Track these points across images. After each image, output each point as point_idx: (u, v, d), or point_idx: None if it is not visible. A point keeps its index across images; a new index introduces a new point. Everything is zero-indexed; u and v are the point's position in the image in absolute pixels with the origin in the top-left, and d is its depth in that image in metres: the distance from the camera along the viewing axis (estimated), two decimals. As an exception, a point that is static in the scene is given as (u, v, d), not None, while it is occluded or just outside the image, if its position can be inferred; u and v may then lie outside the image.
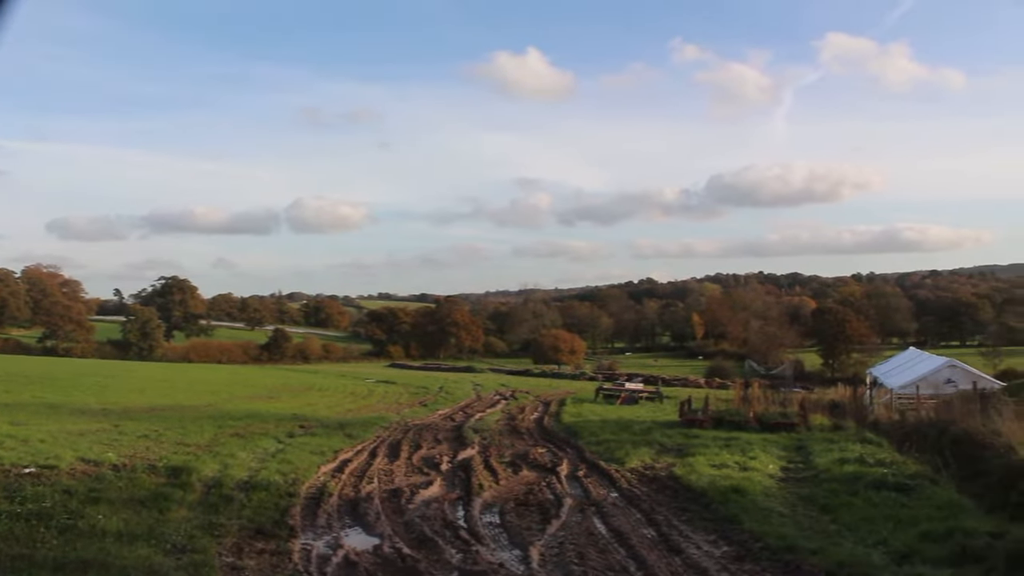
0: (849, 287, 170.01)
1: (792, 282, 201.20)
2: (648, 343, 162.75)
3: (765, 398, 32.74)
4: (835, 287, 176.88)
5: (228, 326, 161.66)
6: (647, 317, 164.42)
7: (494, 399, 42.34)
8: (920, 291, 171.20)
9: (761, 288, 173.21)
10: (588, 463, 18.77)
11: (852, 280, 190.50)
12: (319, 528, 11.95)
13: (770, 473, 17.31)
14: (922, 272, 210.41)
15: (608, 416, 31.42)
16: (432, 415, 32.21)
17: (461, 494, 14.81)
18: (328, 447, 19.95)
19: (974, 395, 24.99)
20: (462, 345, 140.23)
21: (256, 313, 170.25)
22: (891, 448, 20.28)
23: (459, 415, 32.44)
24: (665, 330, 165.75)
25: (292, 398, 41.57)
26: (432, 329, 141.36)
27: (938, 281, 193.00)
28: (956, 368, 39.92)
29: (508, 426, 28.21)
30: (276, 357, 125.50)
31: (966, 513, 12.68)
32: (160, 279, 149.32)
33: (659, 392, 43.43)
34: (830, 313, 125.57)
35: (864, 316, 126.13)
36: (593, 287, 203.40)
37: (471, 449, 20.70)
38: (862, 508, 13.33)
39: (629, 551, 10.78)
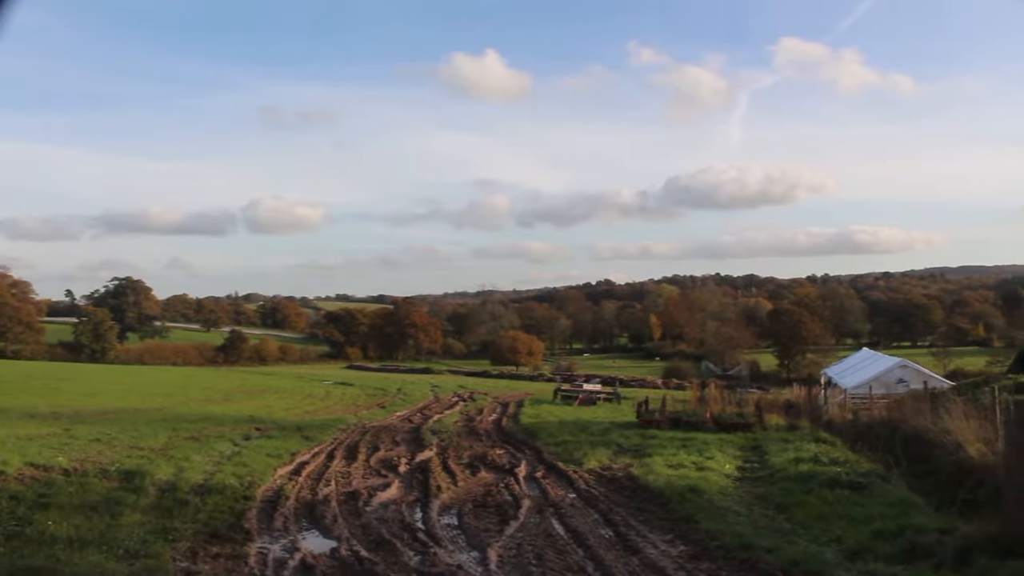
0: (804, 289, 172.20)
1: (748, 283, 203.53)
2: (606, 344, 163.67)
3: (721, 398, 33.05)
4: (790, 289, 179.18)
5: (183, 328, 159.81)
6: (605, 318, 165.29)
7: (452, 401, 42.25)
8: (873, 293, 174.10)
9: (718, 290, 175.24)
10: (546, 464, 18.78)
11: (807, 282, 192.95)
12: (275, 531, 11.82)
13: (726, 473, 17.45)
14: (875, 274, 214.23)
15: (566, 417, 31.48)
16: (390, 417, 32.05)
17: (419, 496, 14.74)
18: (285, 449, 19.77)
19: (925, 394, 25.37)
20: (420, 347, 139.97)
21: (212, 314, 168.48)
22: (845, 447, 20.54)
23: (417, 417, 32.31)
24: (623, 331, 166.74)
25: (248, 400, 41.21)
26: (390, 331, 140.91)
27: (890, 283, 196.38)
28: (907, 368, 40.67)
29: (466, 428, 28.15)
30: (232, 359, 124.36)
31: (917, 510, 12.87)
32: (113, 280, 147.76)
33: (617, 393, 43.59)
34: (786, 314, 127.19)
35: (819, 317, 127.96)
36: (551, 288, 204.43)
37: (429, 451, 20.63)
38: (816, 506, 13.46)
39: (587, 551, 10.80)
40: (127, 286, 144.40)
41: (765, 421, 26.51)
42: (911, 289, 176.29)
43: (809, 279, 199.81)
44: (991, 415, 17.05)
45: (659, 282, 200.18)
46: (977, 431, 16.07)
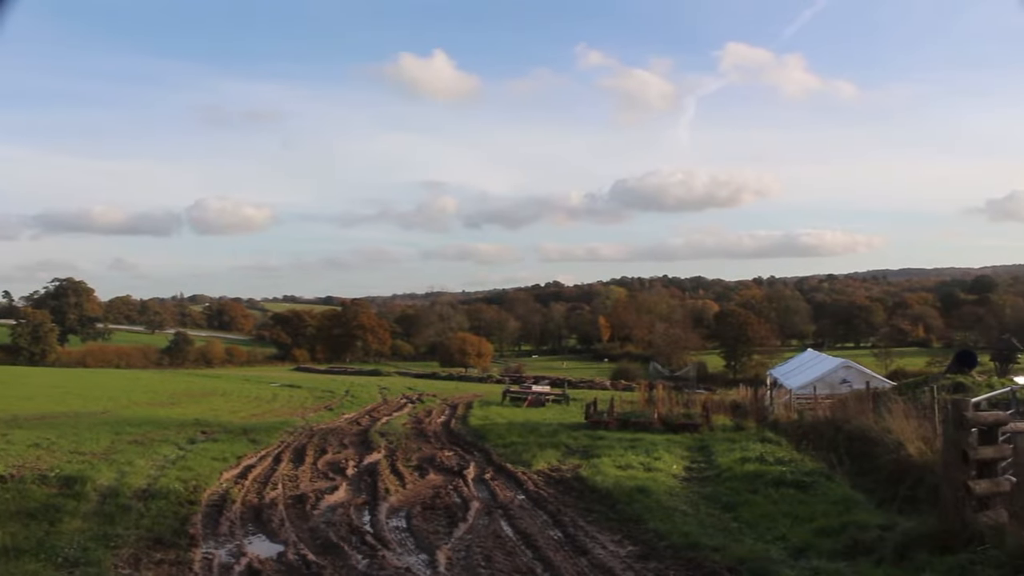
0: (750, 291, 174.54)
1: (696, 286, 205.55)
2: (555, 346, 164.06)
3: (669, 399, 33.32)
4: (737, 291, 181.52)
5: (127, 330, 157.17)
6: (554, 320, 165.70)
7: (401, 402, 42.03)
8: (817, 295, 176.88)
9: (665, 291, 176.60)
10: (495, 466, 18.79)
11: (753, 284, 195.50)
12: (221, 536, 11.67)
13: (674, 473, 17.61)
14: (819, 276, 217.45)
15: (515, 419, 31.48)
16: (338, 419, 31.81)
17: (367, 499, 14.66)
18: (231, 453, 19.50)
19: (867, 394, 25.85)
20: (369, 348, 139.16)
21: (156, 316, 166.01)
22: (790, 447, 20.83)
23: (365, 419, 32.10)
24: (571, 333, 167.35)
25: (194, 403, 40.57)
26: (338, 332, 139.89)
27: (834, 285, 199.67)
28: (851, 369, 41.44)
29: (415, 429, 28.03)
30: (177, 361, 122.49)
31: (859, 507, 13.12)
32: (54, 281, 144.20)
33: (565, 394, 43.68)
34: (732, 316, 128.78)
35: (765, 319, 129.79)
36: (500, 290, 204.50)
37: (377, 453, 20.52)
38: (762, 505, 13.65)
39: (536, 553, 10.82)
40: (68, 287, 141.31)
41: (712, 421, 26.79)
42: (854, 291, 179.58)
43: (755, 281, 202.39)
44: (930, 414, 17.43)
45: (607, 284, 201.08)
46: (917, 430, 16.42)
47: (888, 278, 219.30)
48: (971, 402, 10.47)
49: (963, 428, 9.70)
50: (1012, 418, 12.04)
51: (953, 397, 15.22)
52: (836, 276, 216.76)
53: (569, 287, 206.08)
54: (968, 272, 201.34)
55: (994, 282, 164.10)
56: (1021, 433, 11.60)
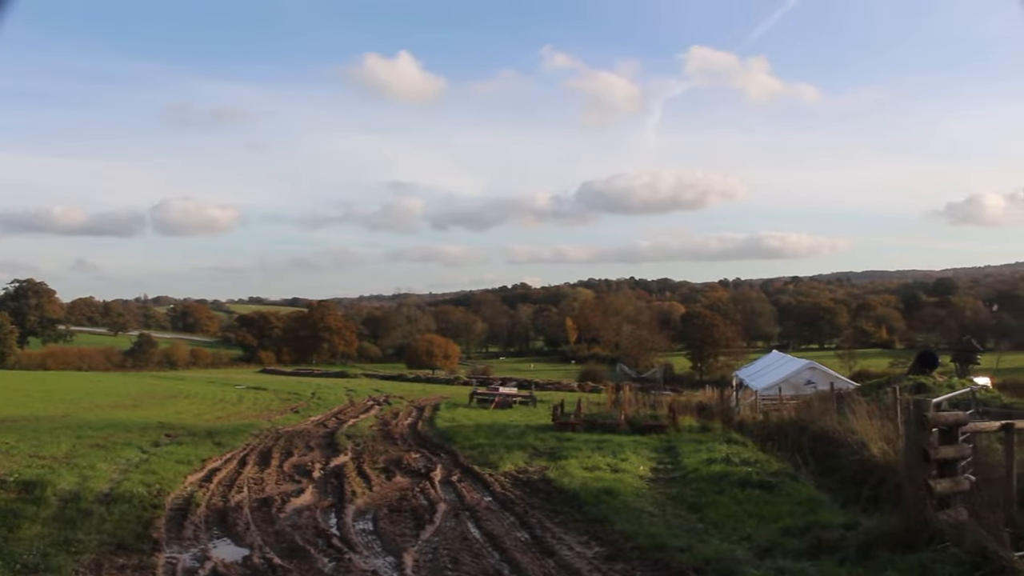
0: (716, 292, 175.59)
1: (662, 287, 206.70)
2: (522, 347, 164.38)
3: (636, 401, 33.43)
4: (703, 292, 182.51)
5: (89, 332, 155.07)
6: (521, 322, 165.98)
7: (368, 404, 41.87)
8: (783, 296, 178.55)
9: (632, 293, 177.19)
10: (462, 468, 18.76)
11: (719, 286, 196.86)
12: (185, 540, 11.55)
13: (641, 474, 17.67)
14: (785, 278, 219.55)
15: (482, 420, 31.46)
16: (304, 421, 31.63)
17: (334, 501, 14.58)
18: (195, 456, 19.32)
19: (831, 395, 26.10)
20: (335, 350, 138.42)
21: (119, 318, 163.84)
22: (755, 447, 20.99)
23: (332, 421, 31.94)
24: (539, 334, 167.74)
25: (158, 406, 40.18)
26: (304, 334, 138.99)
27: (799, 287, 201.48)
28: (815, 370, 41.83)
29: (382, 432, 27.93)
30: (141, 364, 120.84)
31: (823, 507, 13.25)
32: (13, 282, 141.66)
33: (532, 396, 43.74)
34: (698, 318, 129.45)
35: (731, 320, 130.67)
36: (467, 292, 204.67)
37: (344, 455, 20.41)
38: (728, 506, 13.74)
39: (503, 554, 10.82)
40: (28, 288, 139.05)
41: (678, 423, 26.90)
42: (819, 293, 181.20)
43: (721, 283, 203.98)
44: (892, 415, 17.65)
45: (575, 286, 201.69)
46: (880, 430, 16.62)
47: (852, 280, 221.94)
48: (932, 403, 10.62)
49: (924, 428, 9.83)
50: (972, 418, 12.24)
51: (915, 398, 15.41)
52: (801, 278, 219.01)
53: (536, 289, 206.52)
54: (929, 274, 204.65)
55: (955, 284, 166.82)
56: (981, 433, 11.79)
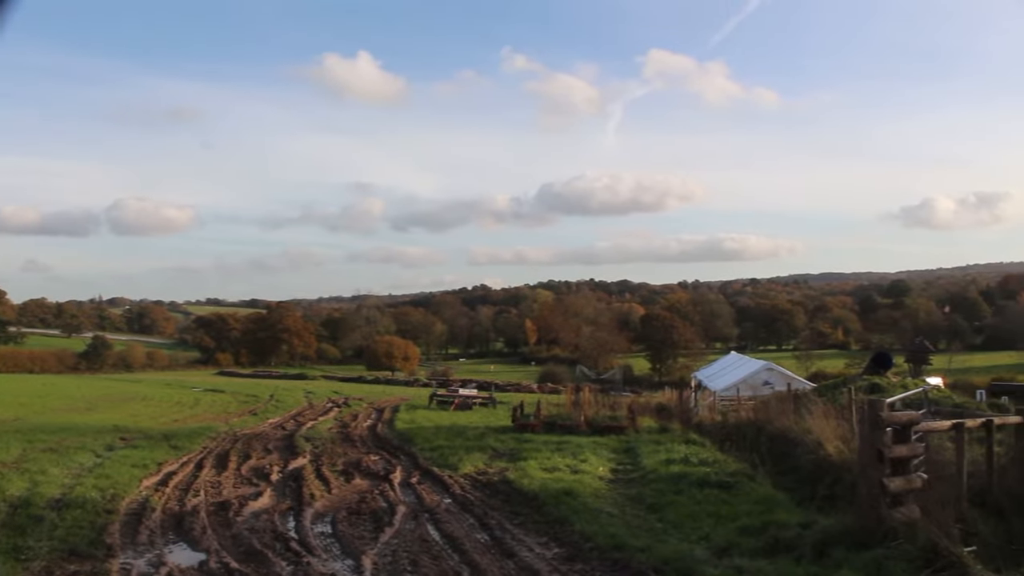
0: (676, 294, 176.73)
1: (622, 289, 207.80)
2: (482, 349, 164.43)
3: (595, 402, 33.48)
4: (662, 294, 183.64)
5: (42, 333, 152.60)
6: (481, 323, 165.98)
7: (327, 407, 41.56)
8: (741, 298, 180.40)
9: (592, 295, 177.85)
10: (422, 469, 18.71)
11: (678, 288, 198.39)
12: (140, 545, 11.39)
13: (600, 475, 17.73)
14: (743, 280, 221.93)
15: (442, 422, 31.39)
16: (262, 424, 31.33)
17: (292, 504, 14.46)
18: (151, 459, 19.06)
19: (788, 396, 26.41)
20: (294, 352, 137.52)
21: (73, 319, 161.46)
22: (714, 448, 21.15)
23: (290, 423, 31.67)
24: (499, 336, 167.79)
25: (112, 409, 39.56)
26: (263, 335, 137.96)
27: (757, 289, 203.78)
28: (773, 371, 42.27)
29: (341, 434, 27.75)
30: (95, 366, 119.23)
31: (780, 507, 13.38)
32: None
33: (492, 397, 43.69)
34: (658, 319, 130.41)
35: (690, 322, 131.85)
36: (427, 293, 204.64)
37: (302, 458, 20.25)
38: (687, 506, 13.83)
39: (463, 556, 10.81)
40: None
41: (638, 424, 27.02)
42: (776, 295, 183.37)
43: (680, 285, 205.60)
44: (848, 414, 17.92)
45: (535, 287, 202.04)
46: (835, 430, 16.85)
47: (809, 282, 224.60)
48: (886, 402, 10.79)
49: (878, 428, 9.98)
50: (924, 417, 12.43)
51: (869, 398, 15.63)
52: (759, 280, 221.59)
53: (496, 290, 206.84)
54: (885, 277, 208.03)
55: (908, 286, 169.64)
56: (933, 432, 12.00)
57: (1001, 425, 12.00)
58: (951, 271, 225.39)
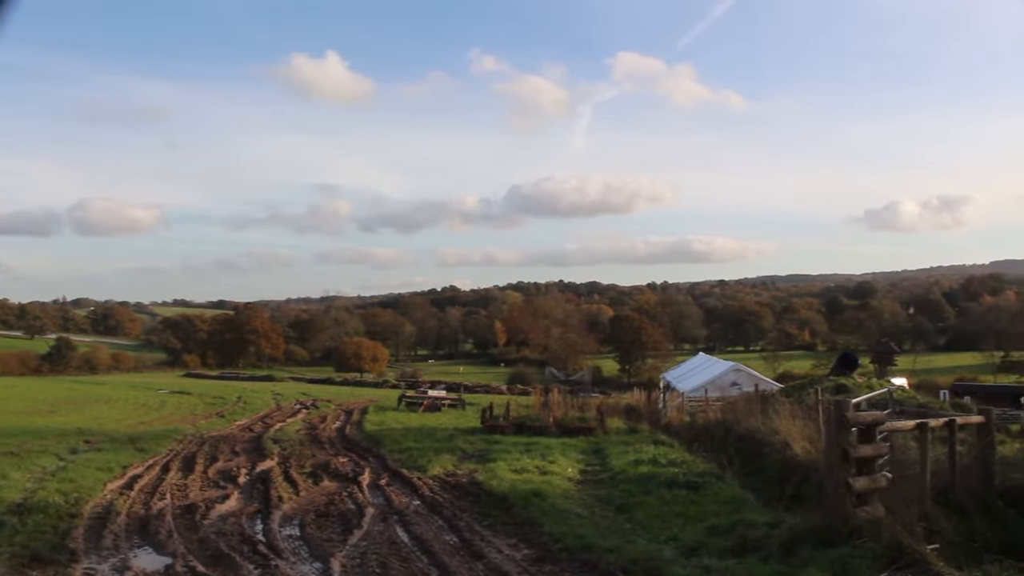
0: (644, 296, 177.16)
1: (591, 290, 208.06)
2: (451, 350, 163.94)
3: (565, 403, 33.58)
4: (631, 296, 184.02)
5: (3, 335, 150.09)
6: (450, 325, 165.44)
7: (295, 408, 41.34)
8: (709, 300, 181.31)
9: (561, 296, 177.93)
10: (390, 471, 18.66)
11: (647, 289, 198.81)
12: (104, 550, 11.26)
13: (569, 476, 17.77)
14: (711, 282, 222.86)
15: (411, 424, 31.36)
16: (230, 426, 31.12)
17: (260, 507, 14.37)
18: (116, 463, 18.85)
19: (756, 397, 26.58)
20: (262, 353, 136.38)
21: (36, 321, 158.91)
22: (682, 448, 21.29)
23: (258, 425, 31.49)
24: (468, 337, 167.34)
25: (76, 411, 39.12)
26: (230, 337, 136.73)
27: (725, 290, 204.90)
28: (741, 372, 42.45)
29: (309, 436, 27.64)
30: (59, 368, 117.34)
31: (748, 506, 13.50)
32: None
33: (461, 399, 43.71)
34: (626, 321, 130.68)
35: (658, 323, 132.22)
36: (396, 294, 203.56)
37: (270, 460, 20.14)
38: (655, 506, 13.91)
39: (432, 558, 10.79)
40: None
41: (606, 425, 27.12)
42: (744, 296, 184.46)
43: (649, 286, 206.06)
44: (814, 415, 18.09)
45: (504, 289, 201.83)
46: (802, 430, 17.01)
47: (776, 284, 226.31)
48: (851, 403, 10.89)
49: (844, 428, 10.08)
50: (889, 418, 12.58)
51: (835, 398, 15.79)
52: (727, 282, 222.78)
53: (465, 291, 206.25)
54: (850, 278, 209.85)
55: (874, 288, 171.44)
56: (897, 431, 12.14)
57: (963, 425, 12.15)
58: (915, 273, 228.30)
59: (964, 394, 35.14)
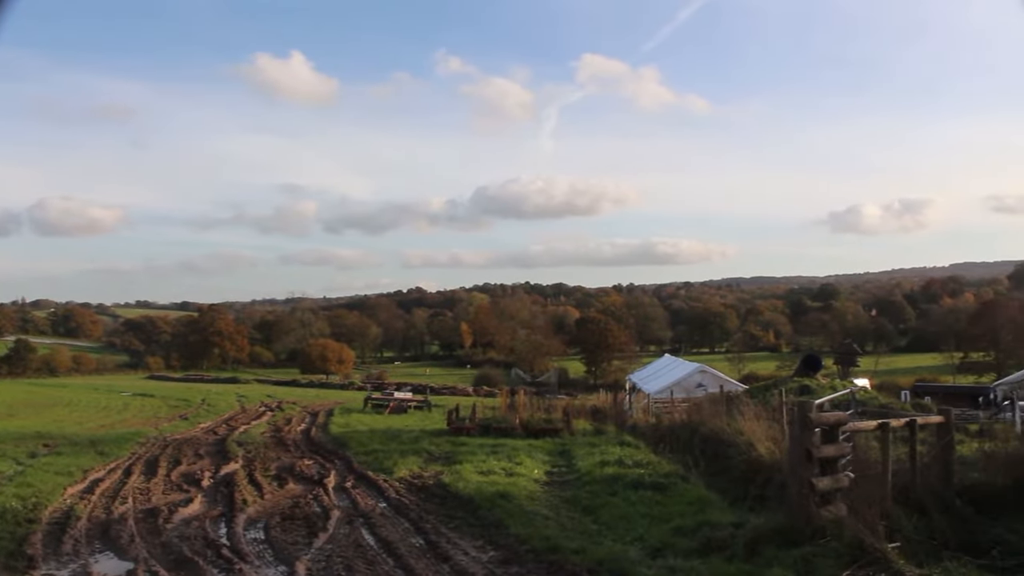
0: (610, 297, 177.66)
1: (557, 292, 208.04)
2: (417, 352, 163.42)
3: (531, 405, 33.60)
4: (597, 297, 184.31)
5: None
6: (416, 326, 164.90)
7: (259, 411, 41.07)
8: (675, 301, 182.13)
9: (527, 298, 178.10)
10: (356, 474, 18.60)
11: (613, 291, 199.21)
12: (64, 556, 11.10)
13: (535, 478, 17.79)
14: (677, 284, 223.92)
15: (376, 426, 31.25)
16: (194, 429, 30.85)
17: (224, 510, 14.26)
18: (77, 466, 18.63)
19: (721, 398, 26.74)
20: (226, 355, 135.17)
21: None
22: (648, 449, 21.35)
23: (222, 428, 31.24)
24: (434, 339, 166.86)
25: (35, 415, 38.62)
26: (194, 339, 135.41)
27: (690, 292, 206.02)
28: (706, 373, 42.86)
29: (274, 438, 27.46)
30: (18, 371, 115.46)
31: (713, 507, 13.58)
32: None
33: (428, 401, 43.67)
34: (593, 322, 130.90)
35: (624, 325, 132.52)
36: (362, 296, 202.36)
37: (235, 463, 20.00)
38: (621, 507, 13.95)
39: (398, 561, 10.76)
40: None
41: (573, 426, 27.17)
42: (709, 298, 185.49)
43: (615, 288, 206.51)
44: (778, 416, 18.25)
45: (470, 290, 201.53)
46: (767, 431, 17.14)
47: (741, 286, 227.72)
48: (815, 403, 11.02)
49: (807, 428, 10.18)
50: (851, 418, 12.74)
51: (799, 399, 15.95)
52: (692, 284, 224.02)
53: (432, 293, 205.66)
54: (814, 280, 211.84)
55: (837, 290, 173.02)
56: (859, 432, 12.28)
57: (924, 425, 12.33)
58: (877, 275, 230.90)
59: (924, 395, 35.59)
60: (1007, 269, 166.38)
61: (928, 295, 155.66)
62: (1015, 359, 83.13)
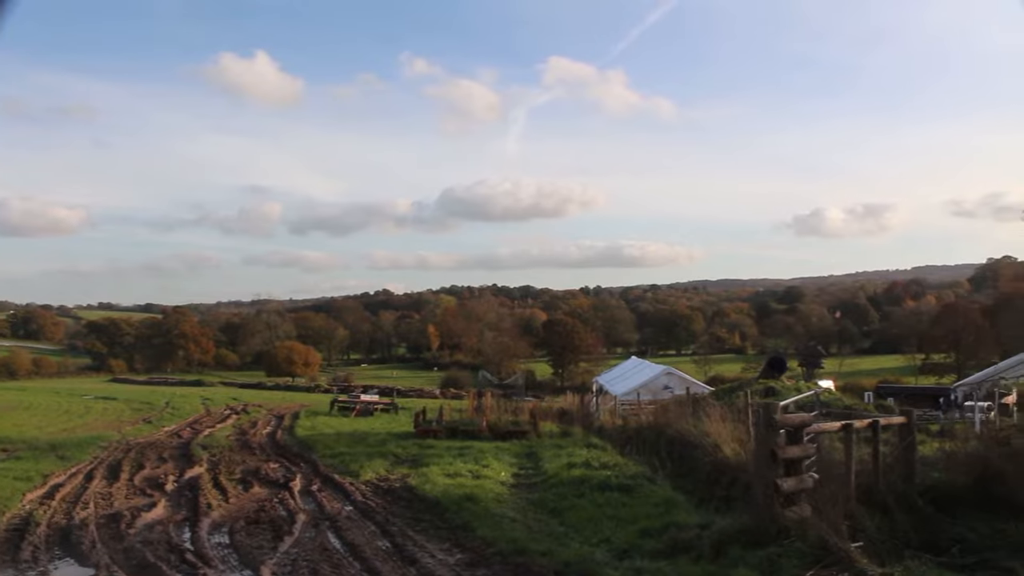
0: (577, 300, 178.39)
1: (524, 294, 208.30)
2: (384, 354, 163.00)
3: (498, 407, 33.58)
4: (564, 300, 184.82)
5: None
6: (383, 328, 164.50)
7: (225, 414, 40.68)
8: (641, 304, 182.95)
9: (495, 300, 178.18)
10: (322, 477, 18.50)
11: (580, 293, 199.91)
12: (23, 563, 10.93)
13: (502, 480, 17.81)
14: (643, 286, 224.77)
15: (343, 429, 31.09)
16: (157, 432, 30.50)
17: (188, 515, 14.12)
18: (36, 471, 18.33)
19: (687, 400, 26.92)
20: (191, 358, 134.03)
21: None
22: (615, 451, 21.44)
23: (187, 431, 30.92)
24: (401, 341, 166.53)
25: (-6, 419, 37.92)
26: (158, 341, 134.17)
27: (657, 295, 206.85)
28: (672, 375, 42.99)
29: (239, 441, 27.22)
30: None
31: (679, 508, 13.66)
32: None
33: (394, 403, 43.48)
34: (560, 325, 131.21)
35: (591, 327, 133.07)
36: (328, 298, 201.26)
37: (199, 467, 19.82)
38: (588, 509, 14.00)
39: (364, 564, 10.71)
40: None
41: (540, 428, 27.22)
42: (676, 301, 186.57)
43: (582, 290, 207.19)
44: (744, 417, 18.39)
45: (437, 292, 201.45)
46: (732, 432, 17.26)
47: (707, 288, 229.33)
48: (780, 405, 11.13)
49: (772, 430, 10.27)
50: (816, 419, 12.85)
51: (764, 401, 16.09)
52: (659, 286, 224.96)
53: (399, 295, 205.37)
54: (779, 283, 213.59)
55: (802, 293, 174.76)
56: (824, 433, 12.40)
57: (887, 425, 12.49)
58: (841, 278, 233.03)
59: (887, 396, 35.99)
60: (967, 272, 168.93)
61: (891, 298, 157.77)
62: (975, 360, 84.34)
